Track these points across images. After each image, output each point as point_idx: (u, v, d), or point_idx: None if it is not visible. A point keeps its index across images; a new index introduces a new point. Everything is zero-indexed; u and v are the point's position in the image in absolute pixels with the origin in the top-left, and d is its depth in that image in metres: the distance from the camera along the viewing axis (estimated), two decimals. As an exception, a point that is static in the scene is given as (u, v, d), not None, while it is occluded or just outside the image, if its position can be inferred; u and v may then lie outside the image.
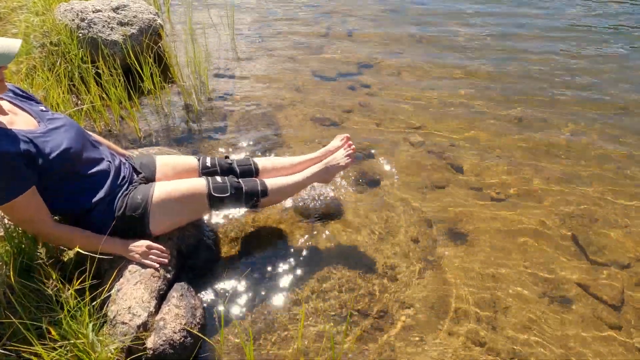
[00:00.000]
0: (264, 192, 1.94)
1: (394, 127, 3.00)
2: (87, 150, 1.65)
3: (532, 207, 2.43)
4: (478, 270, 2.06)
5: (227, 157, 2.08)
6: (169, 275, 1.69)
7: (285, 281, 1.93)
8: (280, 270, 1.97)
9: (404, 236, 2.20)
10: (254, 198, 1.92)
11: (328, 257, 2.06)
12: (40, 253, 1.24)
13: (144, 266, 1.64)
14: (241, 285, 1.87)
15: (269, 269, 1.97)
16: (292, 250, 2.08)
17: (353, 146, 2.20)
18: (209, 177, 1.89)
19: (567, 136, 3.00)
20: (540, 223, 2.33)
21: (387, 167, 2.64)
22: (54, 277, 1.25)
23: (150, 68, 2.86)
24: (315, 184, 2.24)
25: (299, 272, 1.97)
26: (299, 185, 2.08)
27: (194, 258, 1.92)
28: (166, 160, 1.97)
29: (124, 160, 1.85)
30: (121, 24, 3.10)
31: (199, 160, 2.01)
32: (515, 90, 3.50)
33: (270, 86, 3.38)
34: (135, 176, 1.83)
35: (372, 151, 2.75)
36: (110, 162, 1.73)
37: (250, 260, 2.00)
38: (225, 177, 1.92)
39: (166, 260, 1.70)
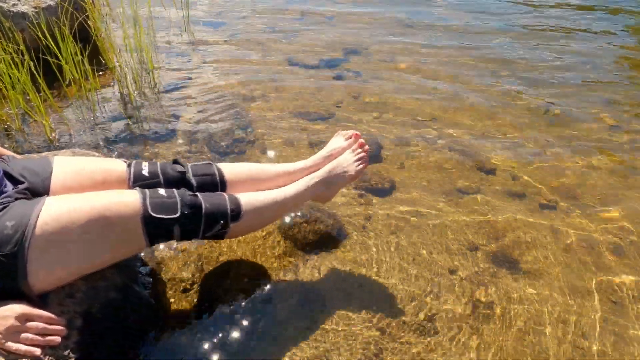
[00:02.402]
0: (236, 213, 1.20)
1: (400, 119, 2.34)
2: None
3: (597, 215, 1.82)
4: (550, 314, 1.40)
5: (176, 162, 1.32)
6: (61, 368, 0.93)
7: (270, 349, 1.20)
8: (259, 330, 1.24)
9: (438, 267, 1.52)
10: (220, 222, 1.17)
11: (331, 304, 1.35)
12: None
13: (12, 356, 0.88)
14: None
15: (244, 326, 1.24)
16: (276, 296, 1.36)
17: (367, 146, 1.50)
18: (146, 190, 1.14)
19: (607, 125, 2.44)
20: (611, 235, 1.71)
21: (398, 171, 1.97)
22: None
23: (70, 49, 2.09)
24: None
25: (289, 331, 1.25)
26: (287, 204, 1.33)
27: (117, 322, 1.16)
28: (72, 163, 1.20)
29: (-13, 165, 1.08)
30: (33, -8, 2.32)
31: (129, 166, 1.25)
32: (535, 73, 2.93)
33: (235, 75, 2.66)
34: (8, 188, 1.06)
35: (376, 151, 2.08)
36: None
37: (214, 318, 1.27)
38: (174, 190, 1.17)
39: (58, 339, 0.94)
